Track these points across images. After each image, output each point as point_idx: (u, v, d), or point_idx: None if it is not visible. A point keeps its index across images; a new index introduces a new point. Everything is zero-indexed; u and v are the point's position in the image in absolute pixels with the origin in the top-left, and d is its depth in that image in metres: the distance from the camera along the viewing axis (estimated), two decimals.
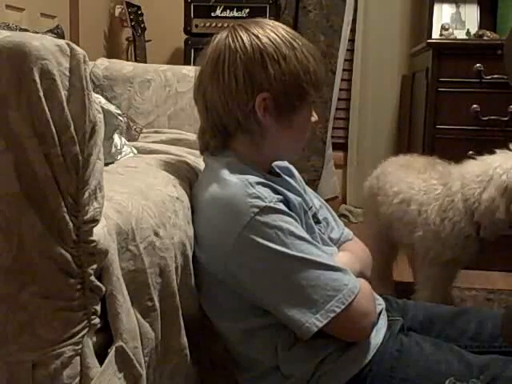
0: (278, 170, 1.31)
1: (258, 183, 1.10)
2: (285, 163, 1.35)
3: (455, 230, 1.78)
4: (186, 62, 3.06)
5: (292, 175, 1.34)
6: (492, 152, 1.77)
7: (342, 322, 1.08)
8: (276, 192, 1.12)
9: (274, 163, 1.29)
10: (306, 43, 1.17)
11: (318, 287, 1.07)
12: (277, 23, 1.19)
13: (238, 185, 1.10)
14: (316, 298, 1.06)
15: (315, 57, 1.17)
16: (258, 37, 1.13)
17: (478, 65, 2.59)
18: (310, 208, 1.28)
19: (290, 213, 1.11)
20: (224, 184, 1.12)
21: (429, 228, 1.82)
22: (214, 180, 1.14)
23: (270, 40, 1.13)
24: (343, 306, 1.06)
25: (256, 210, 1.06)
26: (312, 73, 1.16)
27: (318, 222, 1.28)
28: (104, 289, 0.87)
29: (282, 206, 1.10)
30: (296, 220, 1.12)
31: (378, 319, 1.20)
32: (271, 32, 1.15)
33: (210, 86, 1.15)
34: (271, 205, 1.07)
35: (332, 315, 1.06)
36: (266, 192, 1.09)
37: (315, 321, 1.06)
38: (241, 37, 1.14)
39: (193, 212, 1.21)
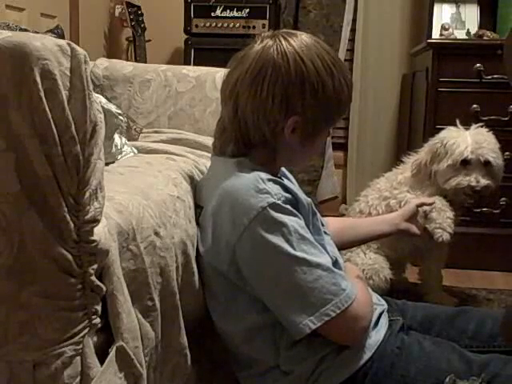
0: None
1: (270, 180, 1.11)
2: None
3: None
4: (186, 62, 3.05)
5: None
6: None
7: (336, 325, 1.08)
8: (286, 190, 1.12)
9: None
10: (343, 69, 1.18)
11: (316, 289, 1.07)
12: (320, 42, 1.18)
13: (249, 179, 1.11)
14: (313, 300, 1.07)
15: (348, 84, 1.17)
16: (302, 60, 1.12)
17: (478, 65, 2.59)
18: (319, 211, 1.28)
19: (297, 213, 1.12)
20: (235, 177, 1.13)
21: None
22: (225, 174, 1.15)
23: (313, 65, 1.13)
24: (339, 311, 1.07)
25: (265, 204, 1.07)
26: (343, 103, 1.18)
27: (322, 225, 1.29)
28: (105, 288, 0.87)
29: (289, 205, 1.10)
30: (302, 220, 1.12)
31: (379, 319, 1.21)
32: (316, 56, 1.14)
33: (244, 96, 1.15)
34: (279, 202, 1.08)
35: (326, 319, 1.06)
36: (276, 189, 1.10)
37: (309, 322, 1.07)
38: (287, 56, 1.12)
39: (197, 208, 1.22)
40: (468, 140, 2.00)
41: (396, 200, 2.05)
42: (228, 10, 3.09)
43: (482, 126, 2.06)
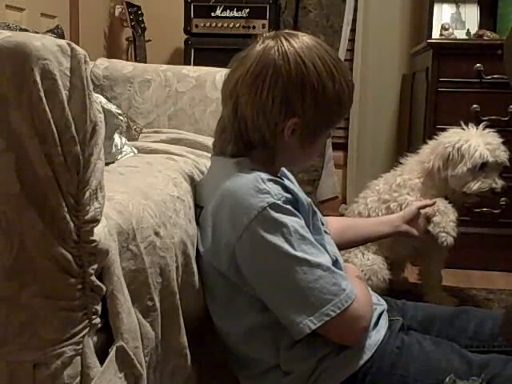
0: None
1: (270, 180, 1.11)
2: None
3: None
4: (186, 62, 3.06)
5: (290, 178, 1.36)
6: None
7: (336, 325, 1.08)
8: (286, 190, 1.12)
9: None
10: (344, 71, 1.17)
11: (316, 289, 1.07)
12: (322, 43, 1.18)
13: (249, 179, 1.11)
14: (313, 300, 1.07)
15: (349, 86, 1.17)
16: (303, 61, 1.12)
17: (478, 65, 2.59)
18: (319, 211, 1.28)
19: (297, 213, 1.12)
20: (235, 177, 1.13)
21: None
22: (225, 174, 1.15)
23: (314, 66, 1.12)
24: (339, 311, 1.07)
25: (265, 204, 1.07)
26: (343, 105, 1.18)
27: (322, 224, 1.29)
28: (105, 288, 0.87)
29: (289, 205, 1.10)
30: (302, 220, 1.12)
31: (379, 319, 1.21)
32: (317, 57, 1.13)
33: (244, 96, 1.14)
34: (279, 202, 1.08)
35: (326, 319, 1.06)
36: (276, 189, 1.10)
37: (309, 322, 1.07)
38: (288, 56, 1.12)
39: (197, 208, 1.22)
40: (480, 142, 1.99)
41: (396, 203, 2.04)
42: (228, 10, 3.09)
43: (485, 127, 2.06)
